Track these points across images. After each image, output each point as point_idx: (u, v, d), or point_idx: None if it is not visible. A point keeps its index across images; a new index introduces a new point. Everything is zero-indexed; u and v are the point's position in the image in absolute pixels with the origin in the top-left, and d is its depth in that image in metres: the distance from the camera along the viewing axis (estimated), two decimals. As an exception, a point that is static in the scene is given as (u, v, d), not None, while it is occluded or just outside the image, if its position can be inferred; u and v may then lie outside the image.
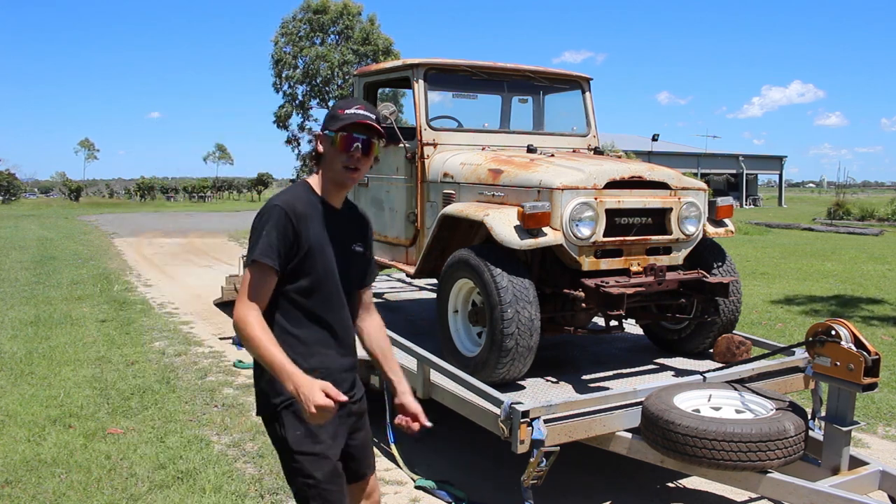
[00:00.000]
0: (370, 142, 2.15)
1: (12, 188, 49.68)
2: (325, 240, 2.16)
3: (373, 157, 2.18)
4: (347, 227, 2.27)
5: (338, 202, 2.24)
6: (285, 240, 2.07)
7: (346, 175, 2.16)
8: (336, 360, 2.24)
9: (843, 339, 3.12)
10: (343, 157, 2.13)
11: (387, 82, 5.74)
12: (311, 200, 2.17)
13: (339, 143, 2.12)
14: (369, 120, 2.13)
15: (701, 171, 43.04)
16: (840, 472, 3.17)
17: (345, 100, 2.22)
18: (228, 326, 7.55)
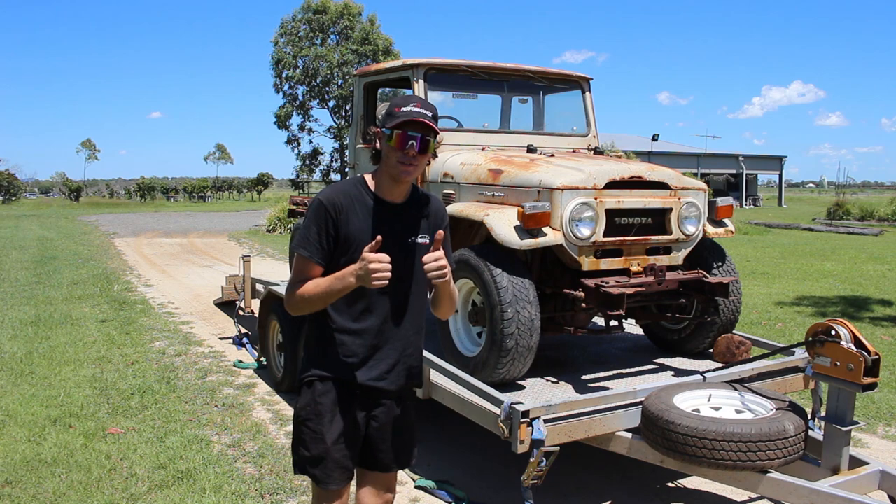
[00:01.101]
0: (426, 139, 2.16)
1: (12, 188, 49.73)
2: (370, 234, 2.14)
3: (430, 154, 2.21)
4: (408, 220, 2.27)
5: (396, 196, 2.25)
6: (326, 234, 2.16)
7: (401, 170, 2.17)
8: (387, 353, 2.27)
9: (843, 339, 3.12)
10: (398, 153, 2.15)
11: (387, 82, 5.74)
12: (357, 194, 2.21)
13: (394, 141, 2.14)
14: (424, 118, 2.14)
15: (701, 171, 43.04)
16: (840, 472, 3.17)
17: (402, 97, 2.22)
18: (228, 326, 7.55)
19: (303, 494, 3.73)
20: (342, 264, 2.13)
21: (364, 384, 2.25)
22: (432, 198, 2.38)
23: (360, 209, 2.19)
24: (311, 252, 2.16)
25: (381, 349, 2.26)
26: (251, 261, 6.95)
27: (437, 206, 2.38)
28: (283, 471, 4.00)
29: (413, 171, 2.19)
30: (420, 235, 2.28)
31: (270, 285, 5.81)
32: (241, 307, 7.02)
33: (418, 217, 2.29)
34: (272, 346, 5.72)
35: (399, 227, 2.24)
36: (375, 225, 2.19)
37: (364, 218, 2.19)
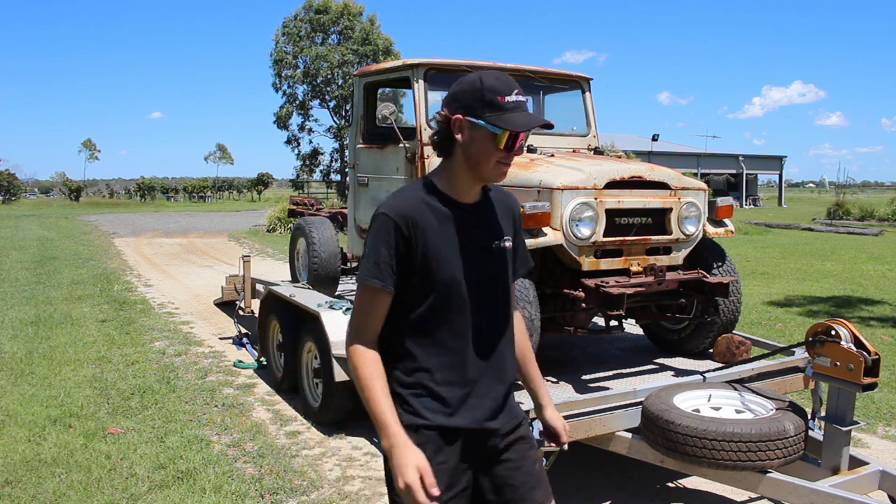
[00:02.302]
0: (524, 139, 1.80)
1: (12, 188, 49.75)
2: (448, 245, 1.79)
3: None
4: (484, 221, 1.88)
5: (470, 196, 1.85)
6: (397, 255, 1.76)
7: (500, 172, 1.79)
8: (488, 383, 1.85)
9: (843, 339, 3.12)
10: (501, 153, 1.75)
11: (387, 82, 5.74)
12: (427, 201, 1.80)
13: (502, 141, 1.73)
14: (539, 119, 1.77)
15: (701, 171, 43.05)
16: (840, 472, 3.17)
17: (495, 76, 1.76)
18: (228, 326, 7.55)
19: (303, 494, 3.74)
20: (415, 284, 1.77)
21: (468, 429, 1.81)
22: (502, 190, 2.00)
23: (435, 219, 1.79)
24: (385, 281, 1.75)
25: (479, 381, 1.83)
26: (251, 261, 6.95)
27: (513, 201, 2.00)
28: (283, 471, 4.01)
29: (506, 173, 1.83)
30: (505, 238, 1.90)
31: (270, 285, 5.81)
32: (241, 307, 7.02)
33: (493, 215, 1.91)
34: (272, 346, 5.72)
35: (481, 232, 1.86)
36: (456, 235, 1.80)
37: (441, 229, 1.79)
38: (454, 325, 1.80)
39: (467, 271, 1.80)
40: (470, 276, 1.80)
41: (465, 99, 1.75)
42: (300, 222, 6.20)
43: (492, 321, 1.86)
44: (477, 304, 1.81)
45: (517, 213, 1.98)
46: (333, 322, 4.54)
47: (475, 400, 1.82)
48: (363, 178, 5.49)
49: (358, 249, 5.71)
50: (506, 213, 1.93)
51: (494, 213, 1.91)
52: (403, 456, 1.65)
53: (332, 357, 4.39)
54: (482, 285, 1.83)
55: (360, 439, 4.54)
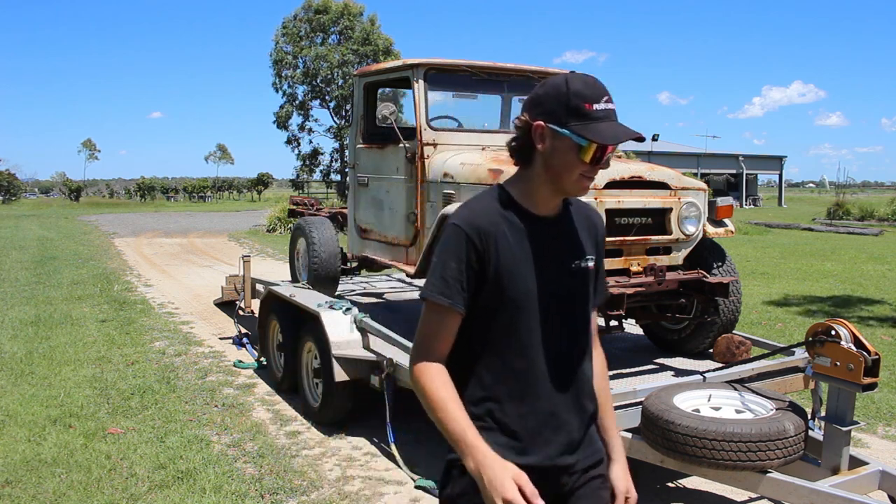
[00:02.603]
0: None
1: (12, 188, 49.76)
2: (524, 263, 1.62)
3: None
4: (564, 237, 1.69)
5: (549, 209, 1.67)
6: (468, 271, 1.59)
7: (581, 186, 1.61)
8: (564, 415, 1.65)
9: (843, 339, 3.13)
10: (585, 167, 1.58)
11: (387, 82, 5.74)
12: (501, 212, 1.63)
13: (589, 155, 1.56)
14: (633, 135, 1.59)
15: (701, 171, 43.05)
16: (840, 472, 3.17)
17: (583, 80, 1.58)
18: (228, 326, 7.55)
19: (303, 494, 3.74)
20: (485, 302, 1.61)
21: (539, 466, 1.60)
22: (585, 204, 1.80)
23: (510, 233, 1.62)
24: (453, 299, 1.59)
25: (554, 413, 1.64)
26: (251, 261, 6.95)
27: (597, 218, 1.80)
28: (283, 471, 4.01)
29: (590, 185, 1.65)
30: (587, 258, 1.71)
31: (270, 285, 5.81)
32: (241, 307, 7.02)
33: (574, 232, 1.72)
34: (272, 346, 5.72)
35: (560, 250, 1.68)
36: (532, 251, 1.63)
37: (516, 244, 1.62)
38: (526, 349, 1.62)
39: (543, 292, 1.62)
40: (545, 297, 1.62)
41: (548, 104, 1.57)
42: (300, 222, 6.20)
43: (569, 347, 1.67)
44: (552, 327, 1.63)
45: (600, 233, 1.78)
46: (333, 322, 4.54)
47: (549, 434, 1.63)
48: (363, 178, 5.49)
49: (358, 249, 5.71)
50: (588, 230, 1.74)
51: (575, 229, 1.71)
52: (496, 471, 1.47)
53: (332, 357, 4.39)
54: (559, 308, 1.65)
55: (360, 439, 4.54)
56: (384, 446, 4.30)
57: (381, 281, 7.38)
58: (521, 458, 1.58)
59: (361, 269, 6.22)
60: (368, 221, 5.49)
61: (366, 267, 6.10)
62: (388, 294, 6.65)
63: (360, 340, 4.49)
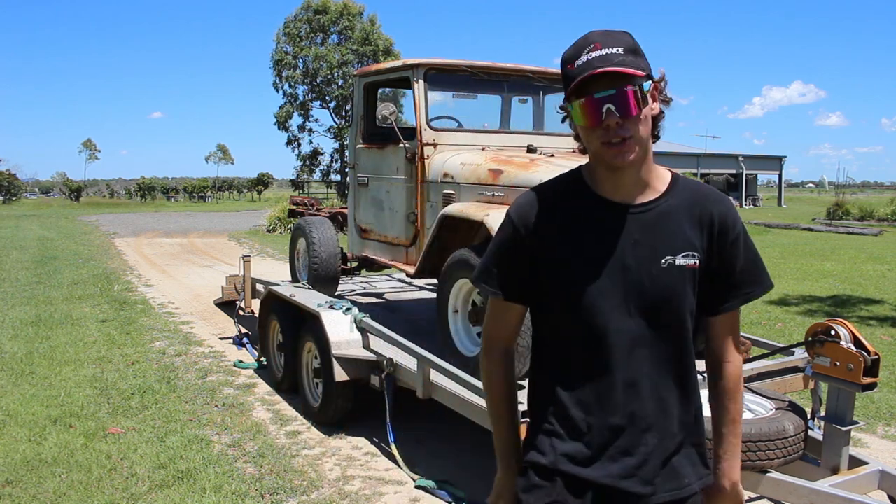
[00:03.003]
0: (628, 92, 1.37)
1: (13, 188, 49.78)
2: (587, 256, 1.46)
3: (639, 110, 1.39)
4: (650, 229, 1.46)
5: (626, 193, 1.47)
6: (510, 260, 1.51)
7: (612, 155, 1.41)
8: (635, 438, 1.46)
9: (843, 339, 3.13)
10: (597, 132, 1.41)
11: (387, 82, 5.75)
12: (567, 197, 1.51)
13: (581, 115, 1.40)
14: (609, 65, 1.36)
15: (701, 171, 43.04)
16: (839, 472, 3.17)
17: (575, 42, 1.43)
18: (228, 326, 7.55)
19: (303, 494, 3.74)
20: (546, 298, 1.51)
21: (600, 484, 1.46)
22: (706, 192, 1.53)
23: (573, 221, 1.47)
24: (493, 286, 1.53)
25: (626, 430, 1.46)
26: (251, 261, 6.95)
27: (713, 204, 1.50)
28: (283, 471, 4.01)
29: (632, 149, 1.40)
30: (684, 254, 1.46)
31: (270, 285, 5.82)
32: (241, 307, 7.02)
33: (677, 224, 1.47)
34: (272, 346, 5.72)
35: (644, 243, 1.45)
36: (599, 243, 1.45)
37: (578, 234, 1.46)
38: (596, 356, 1.46)
39: (614, 292, 1.44)
40: (616, 299, 1.44)
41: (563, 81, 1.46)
42: (300, 222, 6.20)
43: (654, 359, 1.47)
44: (630, 335, 1.45)
45: (721, 223, 1.49)
46: (333, 322, 4.54)
47: (615, 452, 1.45)
48: (363, 178, 5.50)
49: (358, 249, 5.71)
50: (698, 221, 1.48)
51: (670, 221, 1.47)
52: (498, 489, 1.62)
53: (332, 357, 4.39)
54: (639, 312, 1.45)
55: (360, 439, 4.54)
56: (384, 446, 4.30)
57: (381, 281, 7.38)
58: (581, 469, 1.46)
59: (361, 269, 6.23)
60: (368, 221, 5.49)
61: (366, 267, 6.11)
62: (388, 294, 6.66)
63: (360, 340, 4.50)
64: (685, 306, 1.49)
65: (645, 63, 1.42)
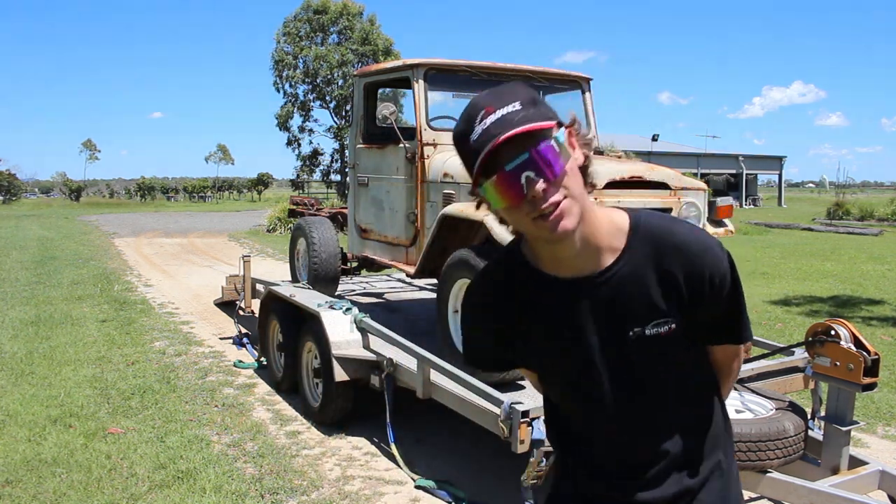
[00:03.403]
0: (542, 155, 1.15)
1: (13, 188, 49.80)
2: (548, 346, 1.35)
3: (560, 161, 1.17)
4: (605, 302, 1.28)
5: (571, 266, 1.28)
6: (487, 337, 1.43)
7: (550, 228, 1.19)
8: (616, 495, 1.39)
9: (843, 339, 3.13)
10: (523, 208, 1.19)
11: (387, 82, 5.75)
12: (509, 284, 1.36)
13: (499, 196, 1.19)
14: (511, 127, 1.14)
15: (701, 171, 43.05)
16: (840, 472, 3.17)
17: (464, 116, 1.21)
18: (228, 326, 7.55)
19: (303, 494, 3.74)
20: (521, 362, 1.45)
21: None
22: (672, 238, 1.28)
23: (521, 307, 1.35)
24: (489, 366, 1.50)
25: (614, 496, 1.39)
26: (251, 261, 6.95)
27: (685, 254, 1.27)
28: (283, 471, 4.01)
29: (570, 213, 1.19)
30: (654, 323, 1.28)
31: (270, 285, 5.82)
32: (241, 307, 7.02)
33: (638, 289, 1.27)
34: (272, 346, 5.72)
35: (599, 322, 1.29)
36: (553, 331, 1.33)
37: (532, 321, 1.35)
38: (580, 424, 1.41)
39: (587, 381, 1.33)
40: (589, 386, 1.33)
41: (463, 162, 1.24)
42: (300, 222, 6.20)
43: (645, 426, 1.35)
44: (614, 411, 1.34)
45: (695, 271, 1.26)
46: (333, 322, 4.54)
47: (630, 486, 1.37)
48: (363, 178, 5.50)
49: (358, 249, 5.71)
50: (664, 280, 1.27)
51: (631, 287, 1.27)
52: None
53: (332, 357, 4.39)
54: (618, 391, 1.32)
55: (360, 439, 4.54)
56: (384, 446, 4.30)
57: (381, 281, 7.38)
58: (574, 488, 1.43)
59: (361, 269, 6.23)
60: (368, 221, 5.49)
61: (366, 267, 6.11)
62: (388, 294, 6.66)
63: (360, 340, 4.49)
64: (671, 370, 1.33)
65: (550, 111, 1.21)
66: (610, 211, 1.31)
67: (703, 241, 1.28)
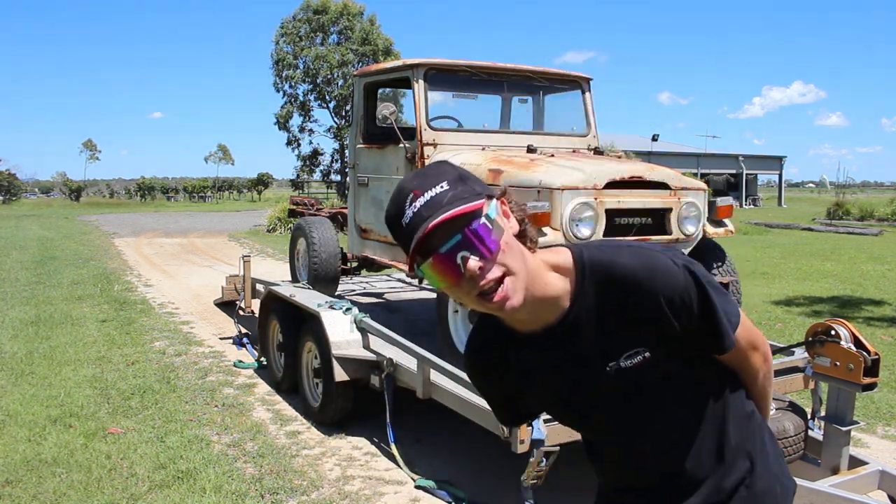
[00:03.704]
0: (475, 234, 1.15)
1: (13, 188, 49.82)
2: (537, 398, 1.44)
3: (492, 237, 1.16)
4: (573, 346, 1.29)
5: (531, 322, 1.28)
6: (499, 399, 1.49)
7: (496, 304, 1.18)
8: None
9: (843, 338, 3.13)
10: (463, 286, 1.18)
11: (387, 82, 5.75)
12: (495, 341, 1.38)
13: (438, 278, 1.19)
14: (441, 211, 1.14)
15: (701, 171, 43.05)
16: (840, 472, 3.17)
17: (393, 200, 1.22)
18: (228, 326, 7.55)
19: (303, 494, 3.74)
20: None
21: None
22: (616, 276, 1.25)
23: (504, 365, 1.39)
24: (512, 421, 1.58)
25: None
26: (251, 261, 6.95)
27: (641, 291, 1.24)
28: (283, 471, 4.01)
29: (514, 287, 1.18)
30: (628, 355, 1.28)
31: (270, 285, 5.82)
32: (241, 307, 7.02)
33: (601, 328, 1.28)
34: (272, 346, 5.72)
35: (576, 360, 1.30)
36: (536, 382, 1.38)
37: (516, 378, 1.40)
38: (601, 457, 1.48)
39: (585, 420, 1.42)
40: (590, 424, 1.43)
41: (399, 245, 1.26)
42: (300, 222, 6.20)
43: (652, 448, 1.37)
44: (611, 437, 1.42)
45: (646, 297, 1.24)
46: (333, 322, 4.54)
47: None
48: (363, 178, 5.50)
49: (358, 249, 5.71)
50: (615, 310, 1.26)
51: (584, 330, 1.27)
52: None
53: (332, 357, 4.39)
54: (610, 418, 1.37)
55: (360, 439, 4.54)
56: (384, 446, 4.30)
57: (381, 281, 7.38)
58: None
59: (361, 269, 6.23)
60: (368, 221, 5.49)
61: (366, 267, 6.11)
62: (388, 294, 6.66)
63: (360, 340, 4.49)
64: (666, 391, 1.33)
65: (479, 185, 1.21)
66: (553, 256, 1.28)
67: (649, 265, 1.24)
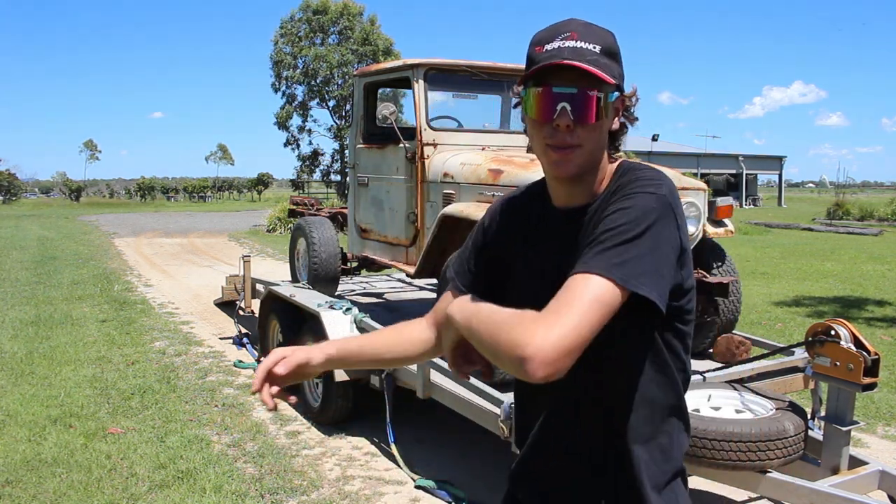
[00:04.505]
0: (586, 99, 1.19)
1: (13, 188, 49.82)
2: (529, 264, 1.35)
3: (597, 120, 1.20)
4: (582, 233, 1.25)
5: (573, 196, 1.30)
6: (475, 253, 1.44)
7: (552, 160, 1.23)
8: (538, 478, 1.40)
9: (843, 339, 3.13)
10: (545, 129, 1.21)
11: (387, 82, 5.75)
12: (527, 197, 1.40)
13: (534, 107, 1.21)
14: (580, 60, 1.17)
15: (701, 171, 43.05)
16: (840, 472, 3.17)
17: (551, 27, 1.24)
18: (228, 326, 7.55)
19: (303, 494, 3.74)
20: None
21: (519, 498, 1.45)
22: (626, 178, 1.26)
23: (523, 227, 1.38)
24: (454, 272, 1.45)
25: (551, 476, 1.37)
26: (251, 261, 6.95)
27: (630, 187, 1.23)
28: (283, 471, 4.01)
29: (575, 161, 1.22)
30: None
31: (270, 285, 5.82)
32: (241, 307, 7.02)
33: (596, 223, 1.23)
34: (272, 346, 5.72)
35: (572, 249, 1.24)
36: (539, 250, 1.34)
37: (526, 240, 1.36)
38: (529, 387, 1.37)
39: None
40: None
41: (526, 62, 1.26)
42: (300, 222, 6.20)
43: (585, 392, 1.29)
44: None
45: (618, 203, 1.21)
46: (333, 322, 4.54)
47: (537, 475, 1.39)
48: (363, 178, 5.50)
49: (358, 249, 5.71)
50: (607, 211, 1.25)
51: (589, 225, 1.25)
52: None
53: (332, 357, 4.38)
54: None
55: (360, 439, 4.54)
56: (384, 446, 4.30)
57: (381, 281, 7.38)
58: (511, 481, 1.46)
59: (361, 269, 6.23)
60: (368, 221, 5.49)
61: (366, 267, 6.11)
62: (388, 294, 6.65)
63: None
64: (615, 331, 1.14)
65: (619, 71, 1.24)
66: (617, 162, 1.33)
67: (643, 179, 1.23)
